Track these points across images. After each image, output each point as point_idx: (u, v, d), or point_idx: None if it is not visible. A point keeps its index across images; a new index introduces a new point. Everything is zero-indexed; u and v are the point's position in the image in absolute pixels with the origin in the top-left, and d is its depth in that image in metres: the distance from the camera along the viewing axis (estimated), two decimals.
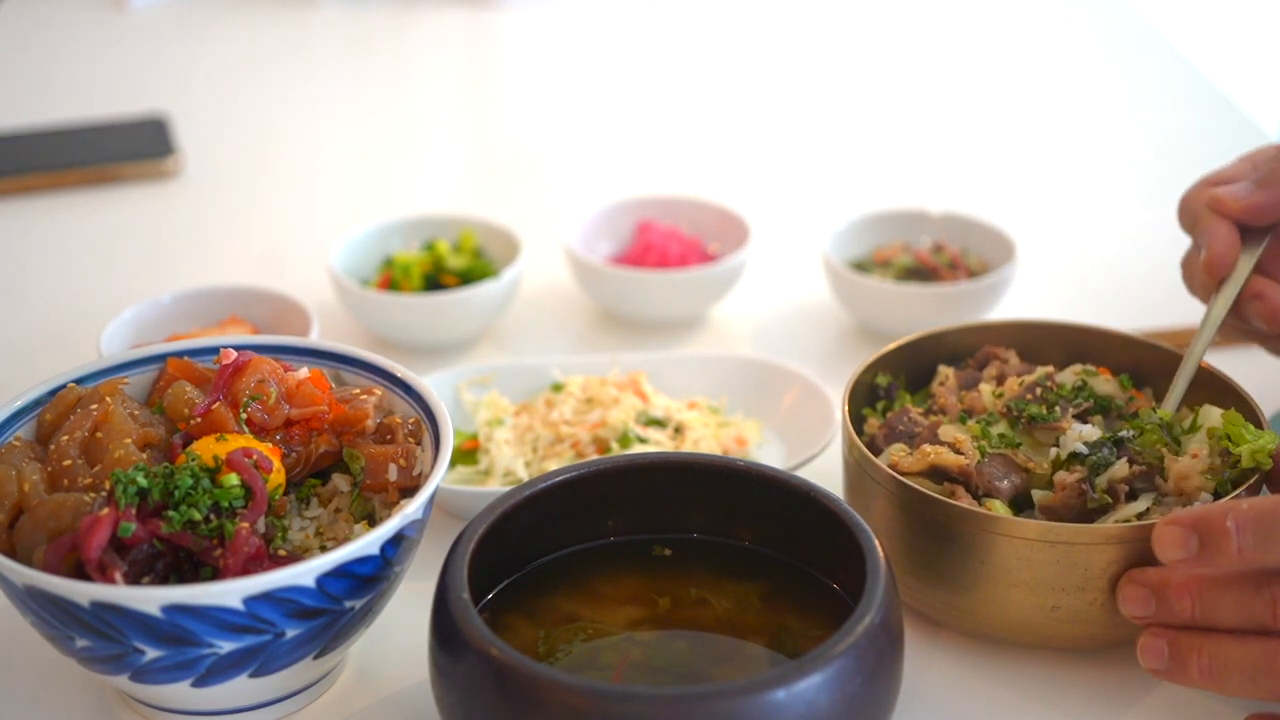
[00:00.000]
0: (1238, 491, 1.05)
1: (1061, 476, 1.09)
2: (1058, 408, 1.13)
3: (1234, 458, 1.08)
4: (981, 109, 2.22)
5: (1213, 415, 1.11)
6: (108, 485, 0.99)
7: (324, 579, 0.95)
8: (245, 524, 0.97)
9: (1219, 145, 2.03)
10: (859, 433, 1.19)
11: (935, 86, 2.31)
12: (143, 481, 0.97)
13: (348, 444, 1.08)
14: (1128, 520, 1.05)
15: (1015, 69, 2.38)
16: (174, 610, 0.91)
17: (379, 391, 1.13)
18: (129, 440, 1.03)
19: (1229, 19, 3.29)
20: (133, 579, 0.94)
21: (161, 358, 1.14)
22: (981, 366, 1.25)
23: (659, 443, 1.30)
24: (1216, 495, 1.06)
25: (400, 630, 1.11)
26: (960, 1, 2.65)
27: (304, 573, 0.94)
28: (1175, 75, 2.30)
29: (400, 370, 1.13)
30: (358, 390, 1.13)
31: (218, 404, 1.05)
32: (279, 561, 0.97)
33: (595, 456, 1.28)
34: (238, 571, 0.95)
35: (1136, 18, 2.53)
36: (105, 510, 0.95)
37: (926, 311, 1.48)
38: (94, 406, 1.06)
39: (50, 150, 1.98)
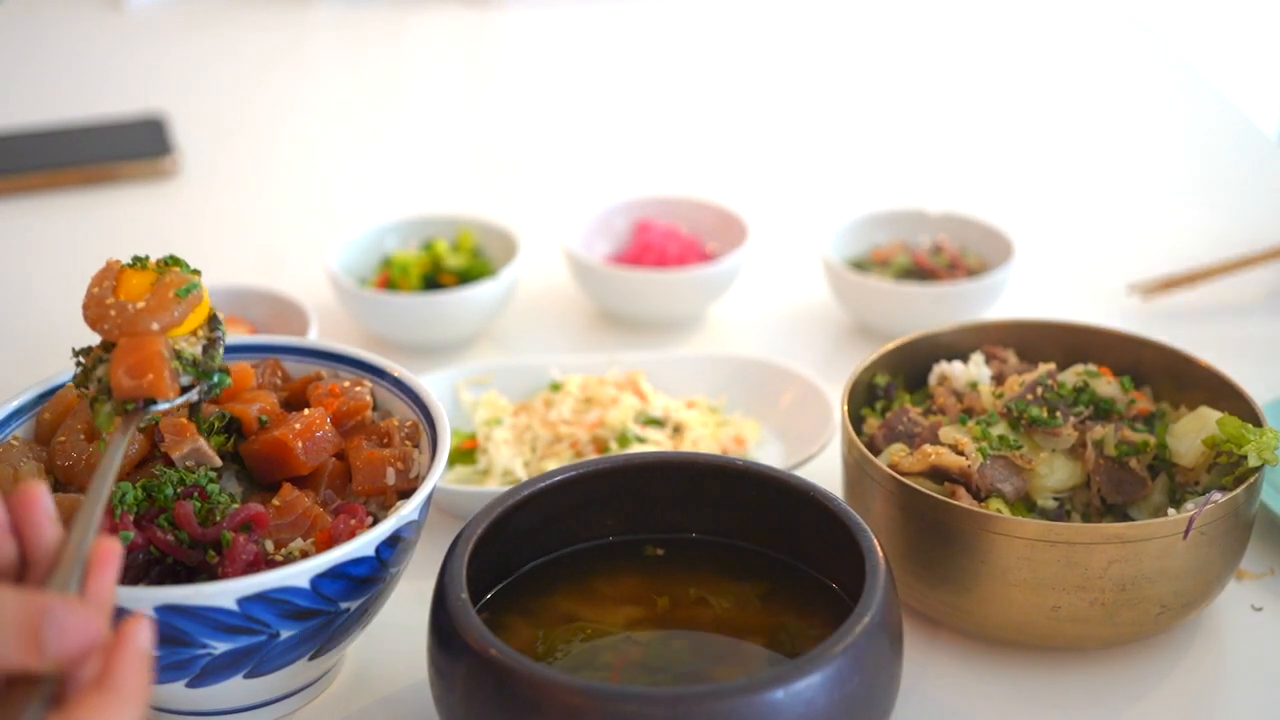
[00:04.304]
0: (1242, 486, 1.05)
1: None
2: (1058, 412, 1.13)
3: (1236, 456, 1.08)
4: (980, 108, 2.22)
5: (1209, 418, 1.11)
6: None
7: (318, 580, 0.95)
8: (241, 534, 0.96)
9: (1218, 145, 2.04)
10: (858, 433, 1.18)
11: (933, 86, 2.30)
12: (139, 493, 0.98)
13: (348, 438, 1.08)
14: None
15: (1013, 68, 2.38)
16: (168, 611, 0.91)
17: (368, 383, 1.13)
18: (130, 446, 1.02)
19: (1229, 19, 3.29)
20: (128, 585, 0.94)
21: None
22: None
23: (658, 442, 1.30)
24: (1222, 490, 1.06)
25: (399, 630, 1.11)
26: (959, 2, 2.65)
27: (298, 574, 0.94)
28: (1174, 75, 2.30)
29: (398, 370, 1.13)
30: (348, 382, 1.12)
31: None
32: (274, 563, 0.97)
33: (594, 456, 1.28)
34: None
35: (1135, 18, 2.53)
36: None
37: (925, 311, 1.48)
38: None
39: (48, 150, 1.98)
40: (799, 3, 2.65)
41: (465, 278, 1.55)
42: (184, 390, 0.99)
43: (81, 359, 1.01)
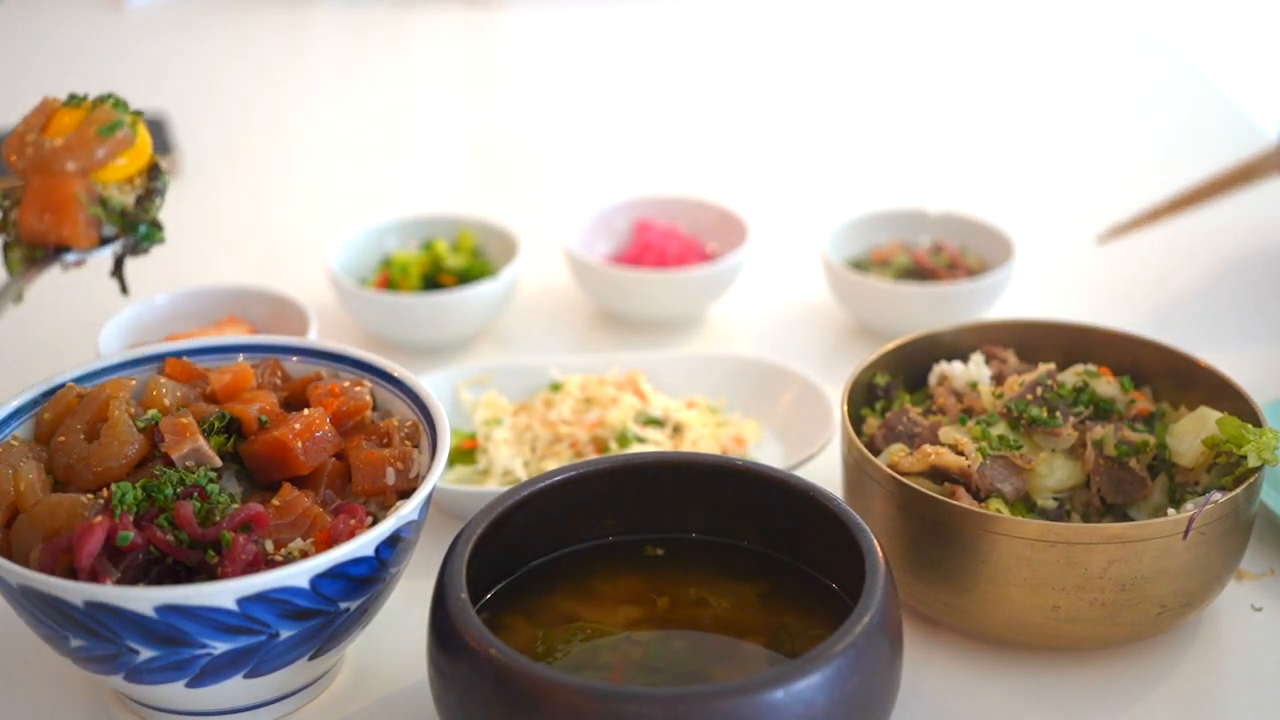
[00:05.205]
0: (1242, 486, 1.05)
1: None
2: (1058, 412, 1.13)
3: (1236, 456, 1.08)
4: (980, 108, 2.22)
5: (1209, 418, 1.11)
6: (105, 492, 0.99)
7: (318, 580, 0.95)
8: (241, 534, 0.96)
9: (1218, 145, 2.04)
10: (858, 433, 1.19)
11: (933, 86, 2.30)
12: (138, 493, 0.98)
13: (348, 438, 1.08)
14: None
15: (1013, 68, 2.38)
16: (167, 611, 0.91)
17: (368, 383, 1.13)
18: (130, 446, 1.03)
19: (1229, 19, 3.29)
20: (127, 584, 0.94)
21: (160, 358, 1.13)
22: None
23: (657, 442, 1.30)
24: (1221, 490, 1.06)
25: (399, 630, 1.11)
26: (960, 2, 2.65)
27: (298, 574, 0.94)
28: (1174, 75, 2.30)
29: (398, 370, 1.13)
30: (348, 382, 1.12)
31: None
32: (274, 563, 0.97)
33: (594, 456, 1.28)
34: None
35: (1135, 17, 2.53)
36: (99, 518, 0.95)
37: (925, 311, 1.48)
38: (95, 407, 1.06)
39: None
40: (799, 3, 2.65)
41: (465, 278, 1.55)
42: (106, 241, 0.92)
43: (4, 201, 0.95)
